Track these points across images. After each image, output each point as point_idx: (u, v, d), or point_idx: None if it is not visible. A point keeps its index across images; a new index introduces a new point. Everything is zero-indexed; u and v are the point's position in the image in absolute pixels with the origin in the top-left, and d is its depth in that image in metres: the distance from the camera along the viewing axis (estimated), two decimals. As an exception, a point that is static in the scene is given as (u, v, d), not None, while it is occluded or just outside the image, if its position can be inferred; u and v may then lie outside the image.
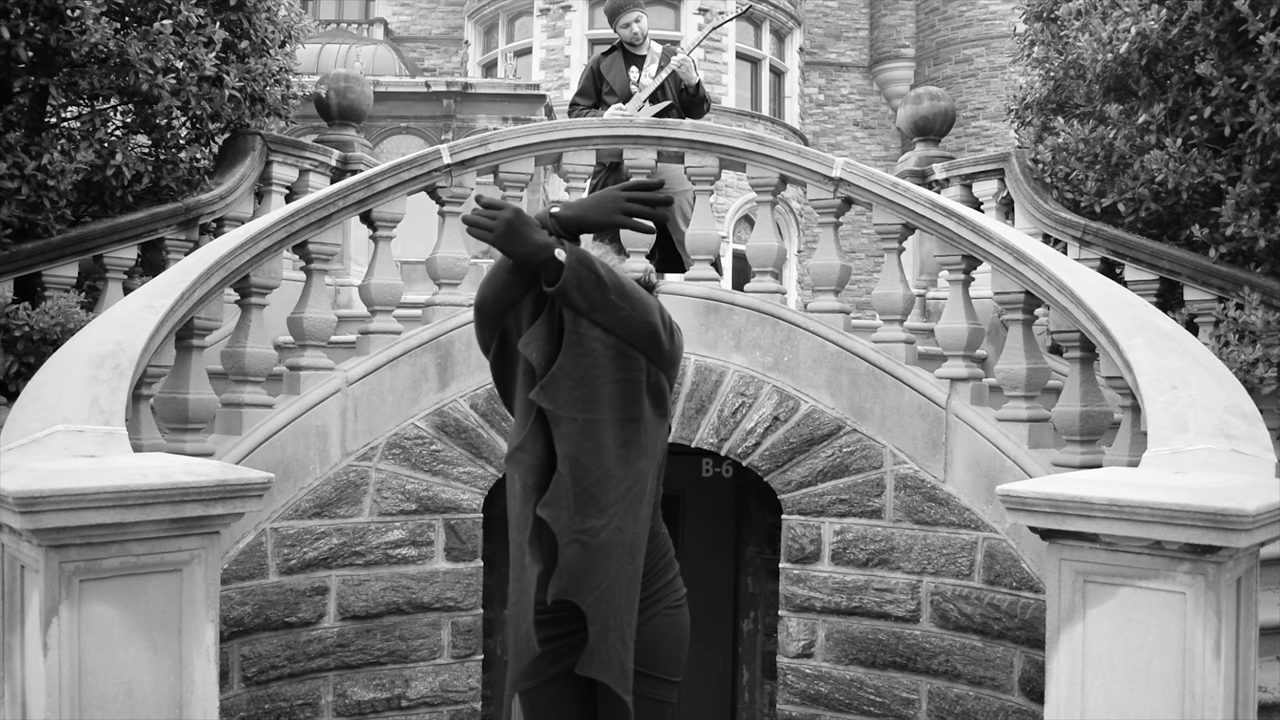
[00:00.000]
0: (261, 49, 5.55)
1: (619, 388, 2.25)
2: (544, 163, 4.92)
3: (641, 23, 5.61)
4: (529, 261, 2.14)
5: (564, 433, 2.22)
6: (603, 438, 2.24)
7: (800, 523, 4.51)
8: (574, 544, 2.22)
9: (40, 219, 4.54)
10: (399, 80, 11.04)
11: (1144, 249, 5.08)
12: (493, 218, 2.12)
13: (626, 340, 2.23)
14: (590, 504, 2.22)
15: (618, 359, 2.23)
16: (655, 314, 2.25)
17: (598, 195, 2.24)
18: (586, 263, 2.14)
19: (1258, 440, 2.70)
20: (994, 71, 19.67)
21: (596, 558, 2.22)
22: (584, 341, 2.21)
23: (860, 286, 17.84)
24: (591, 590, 2.22)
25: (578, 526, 2.21)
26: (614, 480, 2.24)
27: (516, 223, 2.11)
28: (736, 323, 4.60)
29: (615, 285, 2.18)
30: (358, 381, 4.28)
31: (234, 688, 3.94)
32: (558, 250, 2.13)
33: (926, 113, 6.55)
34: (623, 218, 2.22)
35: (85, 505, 2.26)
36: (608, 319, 2.19)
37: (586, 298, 2.15)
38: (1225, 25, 4.79)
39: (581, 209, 2.22)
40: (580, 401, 2.22)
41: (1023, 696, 4.03)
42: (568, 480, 2.22)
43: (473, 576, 4.47)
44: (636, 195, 2.20)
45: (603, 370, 2.23)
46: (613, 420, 2.25)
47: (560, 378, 2.21)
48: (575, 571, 2.21)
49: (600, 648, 2.22)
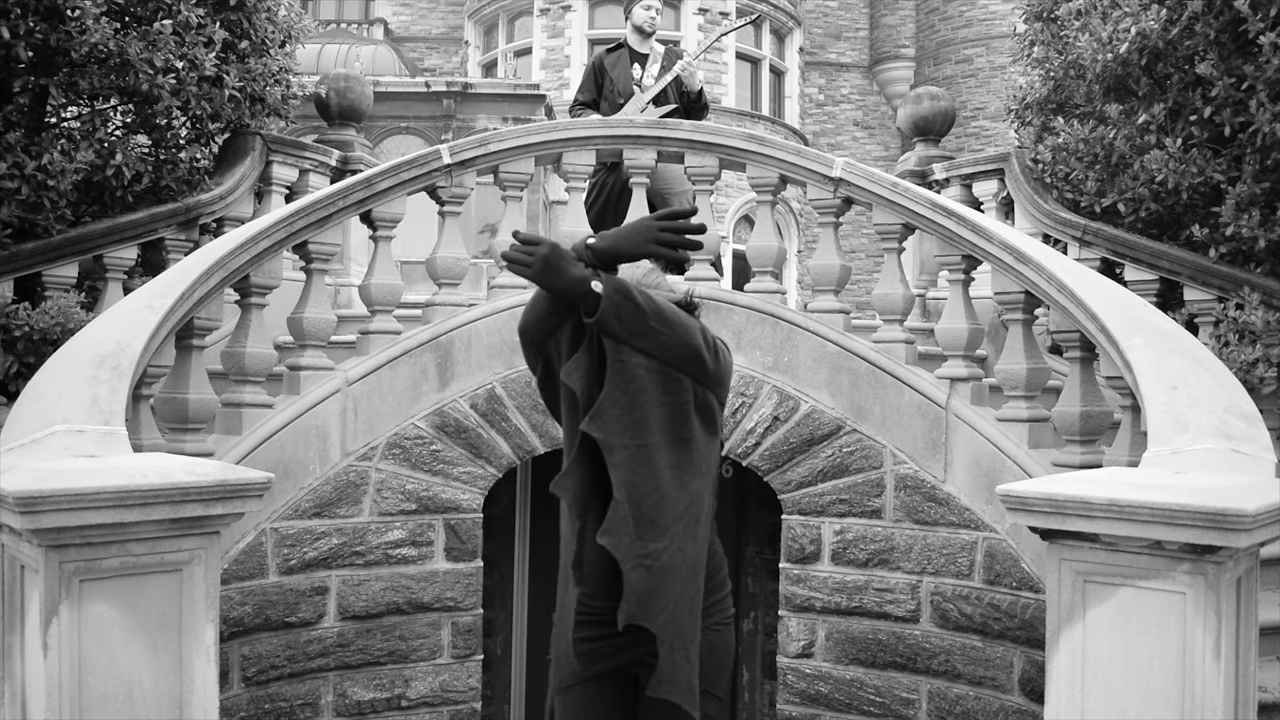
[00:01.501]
0: (261, 49, 5.55)
1: (666, 411, 2.28)
2: (544, 163, 4.91)
3: (660, 13, 5.62)
4: (567, 295, 2.18)
5: (617, 460, 2.26)
6: (656, 461, 2.27)
7: (800, 523, 4.51)
8: (638, 569, 2.25)
9: (40, 219, 4.54)
10: (399, 80, 11.04)
11: (1144, 249, 5.08)
12: (530, 253, 2.15)
13: (669, 364, 2.25)
14: (650, 528, 2.25)
15: (663, 382, 2.27)
16: (697, 335, 2.27)
17: (631, 226, 2.26)
18: (624, 292, 2.17)
19: (1258, 440, 2.70)
20: (994, 71, 19.67)
21: (661, 580, 2.26)
22: (627, 369, 2.24)
23: (860, 286, 17.84)
24: (659, 613, 2.25)
25: (640, 551, 2.25)
26: (671, 502, 2.28)
27: (553, 257, 2.14)
28: (736, 323, 4.60)
29: (654, 311, 2.21)
30: (358, 381, 4.28)
31: (234, 688, 3.94)
32: (594, 283, 2.16)
33: (926, 113, 6.55)
34: (656, 248, 2.23)
35: (85, 505, 2.26)
36: (649, 344, 2.22)
37: (626, 326, 2.18)
38: (1225, 25, 4.79)
39: (615, 240, 2.24)
40: (630, 428, 2.25)
41: (1023, 696, 4.03)
42: (626, 506, 2.25)
43: (473, 576, 4.47)
44: (670, 225, 2.23)
45: (649, 395, 2.26)
46: (664, 443, 2.29)
47: (607, 406, 2.25)
48: (642, 595, 2.24)
49: (669, 668, 2.26)
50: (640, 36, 5.63)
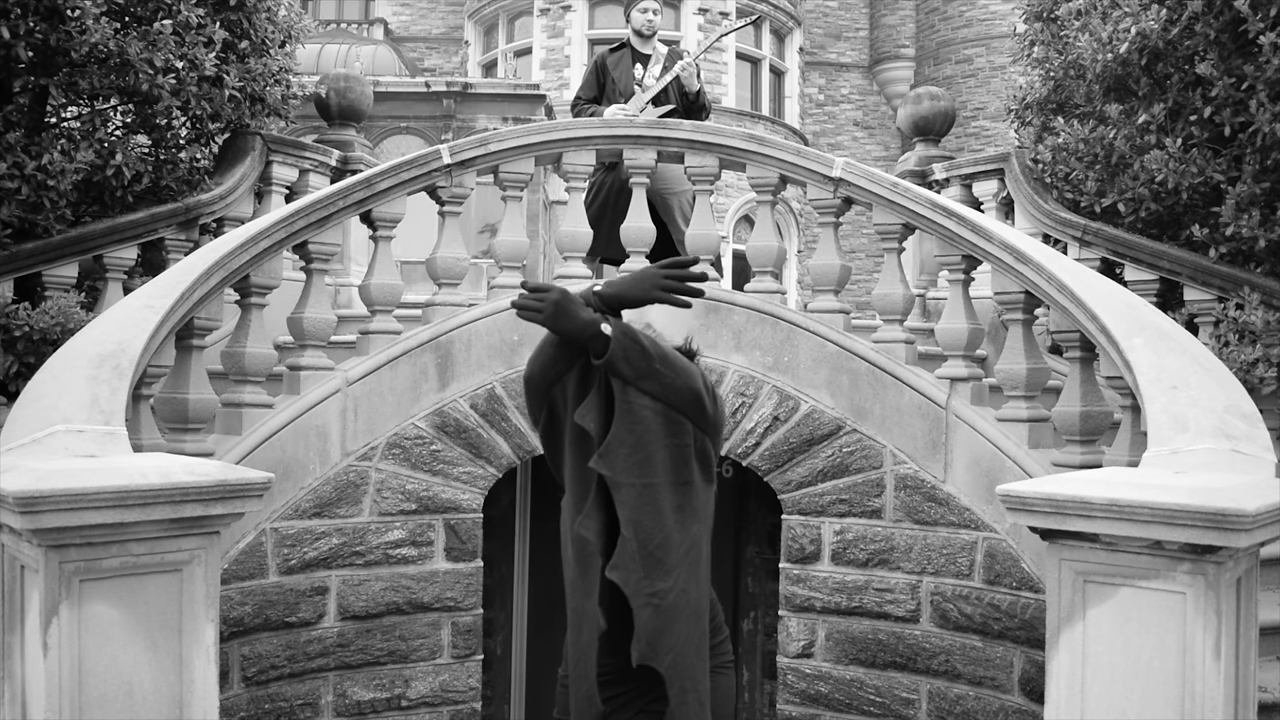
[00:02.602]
0: (261, 49, 5.55)
1: (670, 453, 2.37)
2: (544, 163, 4.91)
3: (658, 14, 5.67)
4: (577, 338, 2.28)
5: (624, 498, 2.35)
6: (660, 501, 2.36)
7: (800, 523, 4.51)
8: (647, 607, 2.33)
9: (40, 219, 4.54)
10: (399, 80, 11.02)
11: (1144, 249, 5.08)
12: (540, 300, 2.25)
13: (673, 406, 2.35)
14: (656, 566, 2.34)
15: (667, 425, 2.36)
16: (698, 379, 2.37)
17: (636, 274, 2.39)
18: (631, 335, 2.29)
19: (1258, 440, 2.70)
20: (994, 71, 19.67)
21: (669, 619, 2.34)
22: (634, 409, 2.34)
23: (860, 286, 17.83)
24: (667, 652, 2.33)
25: (649, 589, 2.33)
26: (674, 543, 2.37)
27: (564, 303, 2.25)
28: (736, 323, 4.60)
29: (659, 354, 2.32)
30: (358, 381, 4.28)
31: (234, 688, 3.94)
32: (604, 325, 2.27)
33: (926, 113, 6.54)
34: (660, 294, 2.35)
35: (85, 505, 2.26)
36: (654, 386, 2.32)
37: (633, 367, 2.29)
38: (1225, 25, 4.79)
39: (622, 287, 2.36)
40: (637, 467, 2.34)
41: (1023, 696, 4.03)
42: (634, 544, 2.34)
43: (473, 576, 4.47)
44: (673, 273, 2.35)
45: (654, 436, 2.35)
46: (667, 484, 2.37)
47: (616, 445, 2.34)
48: (651, 634, 2.33)
49: (680, 710, 2.33)
50: (640, 38, 5.67)
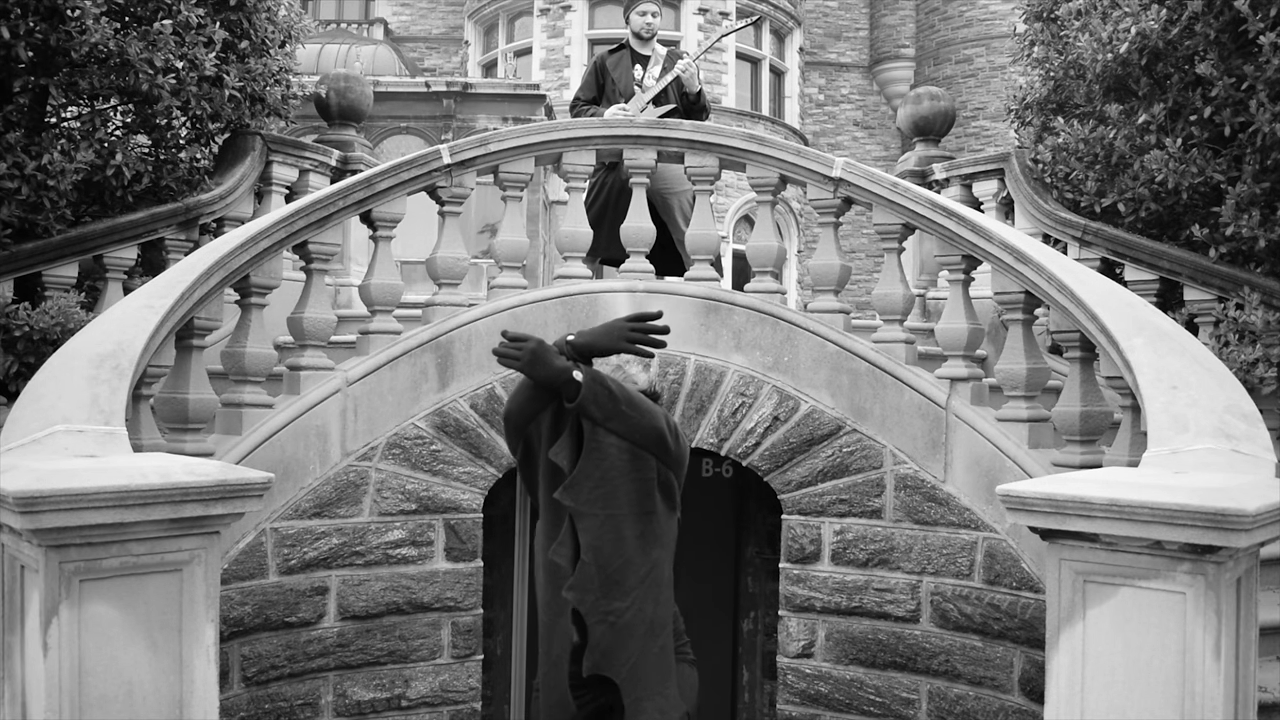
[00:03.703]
0: (261, 49, 5.55)
1: (634, 485, 2.63)
2: (544, 163, 4.91)
3: (657, 16, 5.70)
4: (551, 383, 2.51)
5: (586, 526, 2.62)
6: (623, 530, 2.62)
7: (800, 523, 4.51)
8: (601, 624, 2.62)
9: (40, 219, 4.54)
10: (399, 80, 11.02)
11: (1144, 249, 5.08)
12: (519, 349, 2.50)
13: (638, 444, 2.60)
14: (614, 588, 2.61)
15: (632, 461, 2.62)
16: (661, 420, 2.61)
17: (606, 326, 2.65)
18: (600, 380, 2.52)
19: (1258, 440, 2.70)
20: (994, 71, 19.66)
21: (623, 636, 2.61)
22: (602, 447, 2.61)
23: (860, 286, 17.83)
24: (622, 665, 2.61)
25: (604, 608, 2.61)
26: (634, 567, 2.63)
27: (540, 351, 2.50)
28: (736, 323, 4.60)
29: (625, 397, 2.56)
30: (358, 381, 4.28)
31: (234, 688, 3.94)
32: (575, 372, 2.50)
33: (926, 113, 6.54)
34: (626, 344, 2.59)
35: (85, 505, 2.26)
36: (620, 426, 2.55)
37: (601, 409, 2.52)
38: (1225, 25, 4.79)
39: (593, 337, 2.61)
40: (601, 499, 2.62)
41: (1023, 696, 4.03)
42: (593, 568, 2.61)
43: (473, 576, 4.47)
44: (639, 326, 2.60)
45: (619, 471, 2.62)
46: (630, 514, 2.63)
47: (581, 479, 2.62)
48: (605, 648, 2.61)
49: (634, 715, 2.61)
50: (640, 40, 5.71)
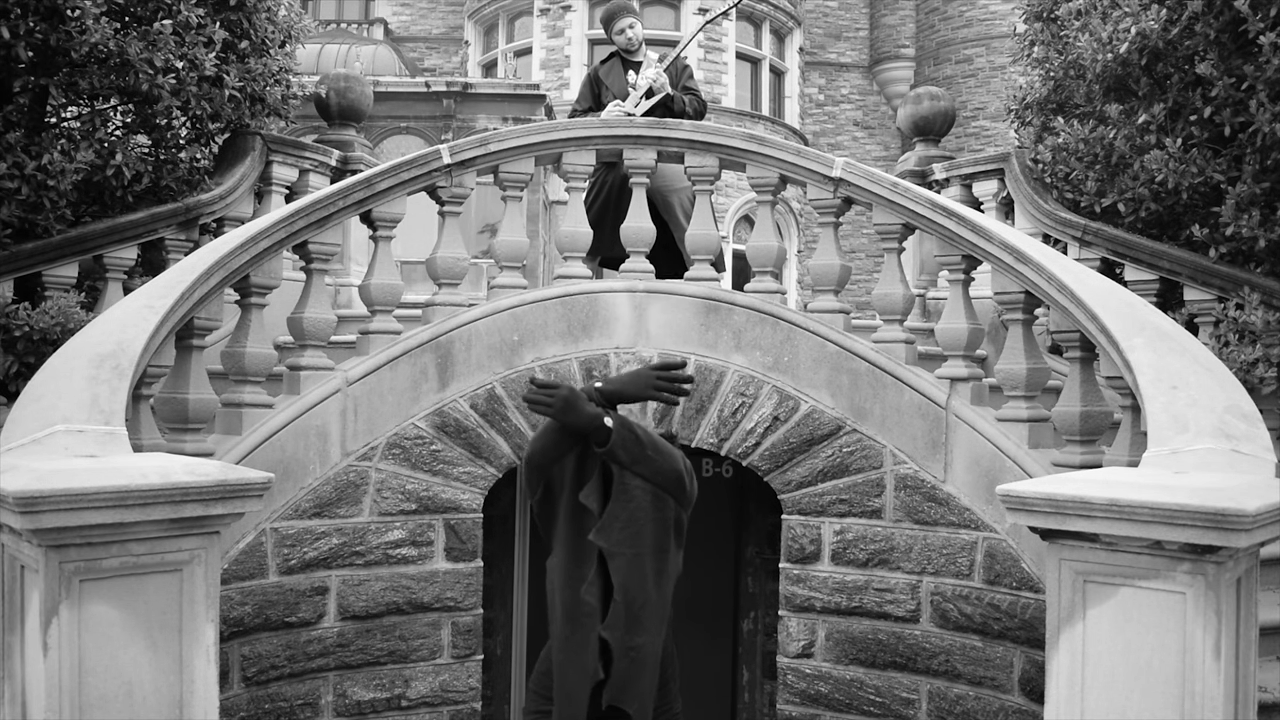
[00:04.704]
0: (261, 49, 5.55)
1: (655, 525, 2.78)
2: (544, 163, 4.91)
3: (636, 29, 5.82)
4: (584, 429, 2.67)
5: (618, 565, 2.76)
6: (644, 568, 2.78)
7: (800, 523, 4.51)
8: (625, 658, 2.77)
9: (40, 219, 4.54)
10: (399, 80, 11.02)
11: (1144, 249, 5.08)
12: (550, 396, 2.65)
13: (660, 486, 2.76)
14: (636, 625, 2.77)
15: (655, 502, 2.77)
16: (680, 462, 2.78)
17: (633, 374, 2.85)
18: (628, 426, 2.70)
19: (1258, 440, 2.70)
20: (994, 71, 19.66)
21: (641, 669, 2.79)
22: (629, 490, 2.75)
23: (860, 286, 17.84)
24: (636, 697, 2.78)
25: (628, 644, 2.77)
26: (653, 605, 2.80)
27: (572, 399, 2.65)
28: (736, 323, 4.60)
29: (650, 442, 2.73)
30: (358, 381, 4.28)
31: (234, 688, 3.94)
32: (606, 419, 2.66)
33: (926, 113, 6.55)
34: (653, 392, 2.80)
35: (85, 505, 2.27)
36: (646, 470, 2.72)
37: (629, 453, 2.69)
38: (1225, 25, 4.79)
39: (620, 385, 2.81)
40: (629, 539, 2.76)
41: (1023, 696, 4.03)
42: (622, 606, 2.76)
43: (473, 576, 4.47)
44: (664, 375, 2.81)
45: (644, 512, 2.77)
46: (651, 552, 2.79)
47: (611, 521, 2.76)
48: (625, 681, 2.77)
49: None
50: (628, 54, 5.82)
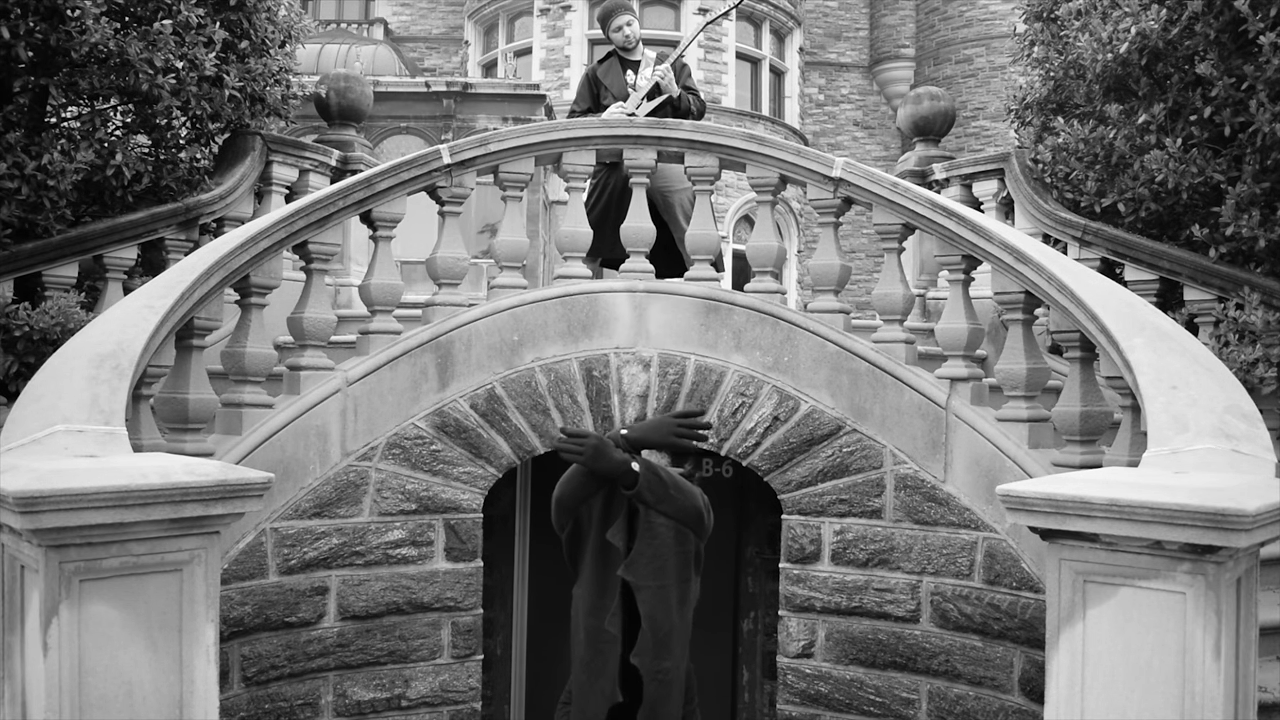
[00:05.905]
0: (261, 49, 5.55)
1: (678, 559, 3.06)
2: (544, 163, 4.91)
3: (633, 26, 5.82)
4: (612, 474, 2.97)
5: (644, 598, 3.04)
6: (669, 598, 3.05)
7: (800, 523, 4.51)
8: (654, 682, 3.02)
9: (40, 219, 4.54)
10: (399, 80, 11.01)
11: (1144, 249, 5.07)
12: (581, 445, 2.96)
13: (681, 521, 3.05)
14: (663, 650, 3.04)
15: (677, 537, 3.06)
16: (699, 499, 3.08)
17: (655, 422, 3.21)
18: (653, 469, 3.01)
19: (1258, 440, 2.70)
20: (994, 71, 19.66)
21: (668, 692, 3.04)
22: (654, 528, 3.04)
23: (860, 286, 17.83)
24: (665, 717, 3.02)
25: (655, 668, 3.03)
26: (677, 631, 3.07)
27: (602, 447, 2.96)
28: (736, 323, 4.60)
29: (672, 482, 3.03)
30: (358, 381, 4.28)
31: (234, 688, 3.94)
32: (634, 464, 2.98)
33: (926, 113, 6.54)
34: (675, 439, 3.13)
35: (85, 505, 2.26)
36: (669, 508, 3.02)
37: (654, 494, 2.99)
38: (1225, 25, 4.79)
39: (644, 432, 3.14)
40: (655, 573, 3.04)
41: (1023, 696, 4.03)
42: (649, 635, 3.03)
43: (473, 576, 4.47)
44: (685, 423, 3.16)
45: (668, 547, 3.05)
46: (674, 583, 3.06)
47: (638, 557, 3.04)
48: (655, 703, 3.02)
49: None
50: (625, 52, 5.81)
